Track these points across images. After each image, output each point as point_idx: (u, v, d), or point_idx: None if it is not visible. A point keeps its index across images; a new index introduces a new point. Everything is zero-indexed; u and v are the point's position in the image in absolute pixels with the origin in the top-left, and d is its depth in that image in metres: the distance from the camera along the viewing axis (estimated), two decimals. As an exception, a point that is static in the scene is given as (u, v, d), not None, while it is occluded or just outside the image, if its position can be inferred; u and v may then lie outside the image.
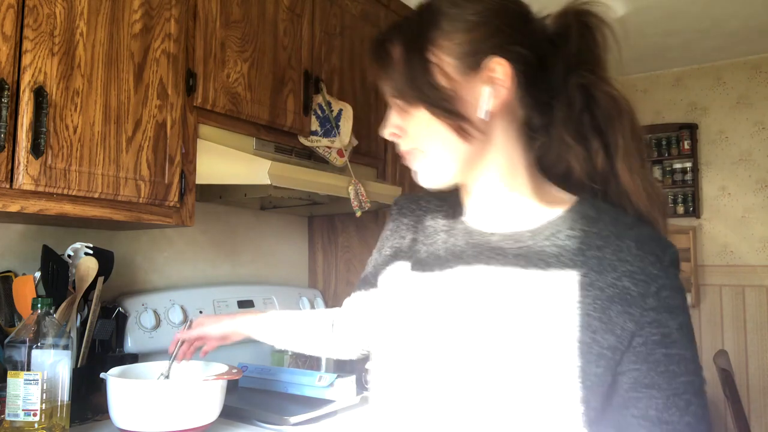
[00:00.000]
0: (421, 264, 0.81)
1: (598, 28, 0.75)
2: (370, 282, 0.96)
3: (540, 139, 0.77)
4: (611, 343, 0.67)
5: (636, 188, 0.73)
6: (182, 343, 1.28)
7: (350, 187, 1.81)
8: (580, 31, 0.75)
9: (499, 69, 0.72)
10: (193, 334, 1.26)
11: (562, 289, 0.70)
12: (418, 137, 0.75)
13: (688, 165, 3.62)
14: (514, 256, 0.73)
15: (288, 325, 1.21)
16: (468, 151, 0.74)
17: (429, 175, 0.77)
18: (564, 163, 0.77)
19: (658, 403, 0.66)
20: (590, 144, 0.75)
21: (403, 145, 0.77)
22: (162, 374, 1.30)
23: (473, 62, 0.72)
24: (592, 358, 0.67)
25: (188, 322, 1.30)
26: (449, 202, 0.85)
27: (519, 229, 0.75)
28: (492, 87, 0.72)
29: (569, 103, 0.75)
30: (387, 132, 0.78)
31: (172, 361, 1.29)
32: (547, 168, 0.79)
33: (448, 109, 0.72)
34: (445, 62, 0.72)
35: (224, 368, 1.36)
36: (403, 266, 0.84)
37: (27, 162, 1.16)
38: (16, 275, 1.42)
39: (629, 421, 0.68)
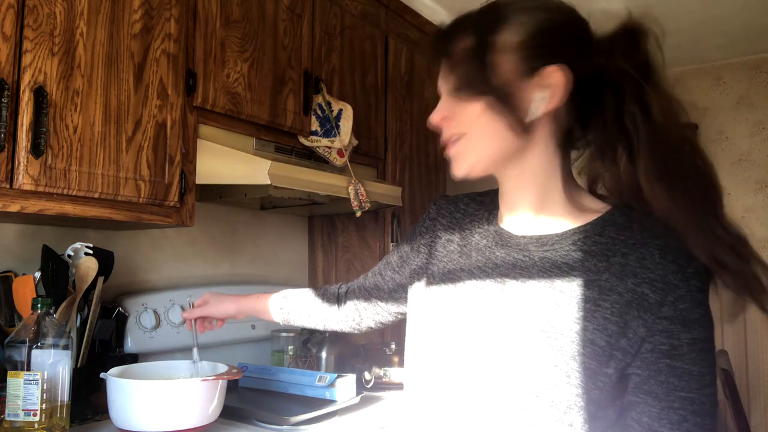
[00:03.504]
0: (453, 264, 0.85)
1: (646, 44, 0.76)
2: (393, 268, 1.03)
3: (579, 149, 0.81)
4: (622, 346, 0.69)
5: (657, 196, 0.72)
6: (195, 320, 1.31)
7: (350, 187, 1.81)
8: (629, 49, 0.76)
9: (554, 77, 0.74)
10: (196, 314, 1.29)
11: (584, 293, 0.72)
12: (466, 123, 0.77)
13: (688, 165, 3.62)
14: (540, 258, 0.76)
15: (293, 308, 1.23)
16: (509, 147, 0.76)
17: (464, 161, 0.78)
18: (600, 175, 0.80)
19: (653, 411, 0.68)
20: (618, 156, 0.75)
21: (448, 131, 0.79)
22: (194, 361, 1.35)
23: (531, 68, 0.74)
24: (604, 360, 0.69)
25: (190, 303, 1.32)
26: (486, 205, 0.89)
27: (547, 232, 0.78)
28: (544, 93, 0.74)
29: (611, 117, 0.76)
30: (438, 117, 0.79)
31: (196, 337, 1.32)
32: (586, 178, 0.83)
33: (504, 105, 0.74)
34: (507, 61, 0.75)
35: (224, 368, 1.36)
36: (435, 266, 0.87)
37: (27, 162, 1.16)
38: (16, 275, 1.42)
39: (627, 422, 0.70)
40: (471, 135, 0.77)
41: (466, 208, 0.91)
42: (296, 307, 1.22)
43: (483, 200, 0.90)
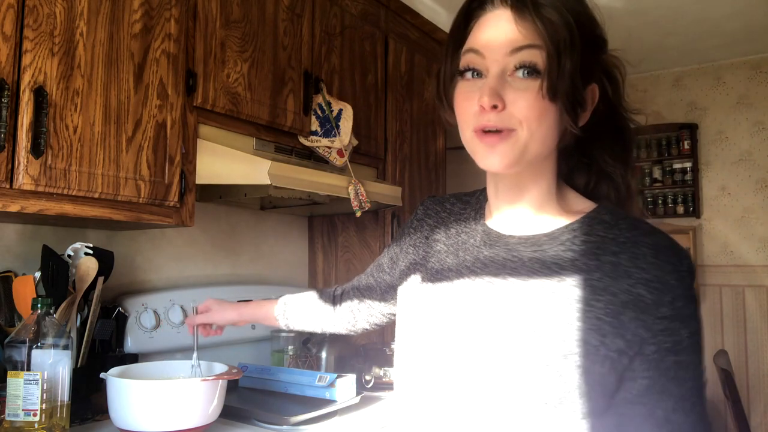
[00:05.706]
0: (441, 264, 0.84)
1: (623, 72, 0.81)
2: (383, 270, 1.04)
3: (573, 156, 0.82)
4: (619, 347, 0.69)
5: (636, 205, 0.82)
6: (197, 326, 1.32)
7: (350, 187, 1.81)
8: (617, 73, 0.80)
9: (595, 95, 0.76)
10: (199, 320, 1.30)
11: (575, 293, 0.71)
12: (525, 119, 0.71)
13: (688, 165, 3.62)
14: (530, 258, 0.76)
15: (292, 313, 1.24)
16: (549, 151, 0.76)
17: (508, 157, 0.72)
18: (589, 179, 0.83)
19: (668, 405, 0.68)
20: (615, 168, 0.81)
21: (500, 121, 0.71)
22: (192, 365, 1.36)
23: (584, 82, 0.74)
24: (598, 359, 0.69)
25: (194, 308, 1.32)
26: (471, 204, 0.88)
27: (537, 232, 0.78)
28: (586, 109, 0.76)
29: (606, 130, 0.80)
30: (490, 101, 0.70)
31: (196, 342, 1.33)
32: (570, 179, 0.83)
33: (572, 114, 0.73)
34: (587, 65, 0.73)
35: (224, 368, 1.36)
36: (422, 266, 0.87)
37: (27, 162, 1.16)
38: (16, 275, 1.42)
39: (635, 419, 0.69)
40: (526, 132, 0.71)
41: (452, 207, 0.91)
42: (295, 312, 1.23)
43: (469, 200, 0.90)
